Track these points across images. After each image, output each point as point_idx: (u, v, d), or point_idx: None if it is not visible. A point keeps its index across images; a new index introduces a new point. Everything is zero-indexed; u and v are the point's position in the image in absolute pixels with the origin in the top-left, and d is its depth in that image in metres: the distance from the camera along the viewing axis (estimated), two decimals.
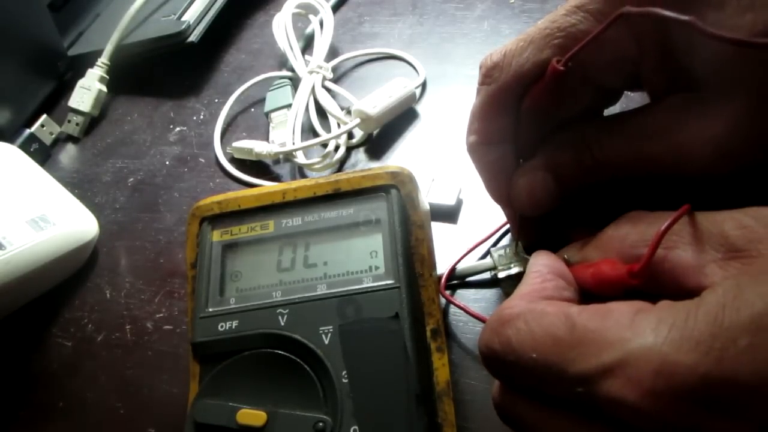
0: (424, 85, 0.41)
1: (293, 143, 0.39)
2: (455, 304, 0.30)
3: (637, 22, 0.21)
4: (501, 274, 0.29)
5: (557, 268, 0.22)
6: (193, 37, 0.46)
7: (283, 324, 0.25)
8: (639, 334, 0.16)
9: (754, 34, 0.19)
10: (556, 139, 0.25)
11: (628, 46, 0.22)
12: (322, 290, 0.25)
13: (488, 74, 0.24)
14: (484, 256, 0.31)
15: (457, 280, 0.31)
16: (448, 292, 0.30)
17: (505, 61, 0.23)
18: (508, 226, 0.31)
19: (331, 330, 0.24)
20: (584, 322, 0.17)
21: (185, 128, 0.46)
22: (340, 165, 0.39)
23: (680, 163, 0.21)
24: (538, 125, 0.25)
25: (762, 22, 0.18)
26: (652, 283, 0.19)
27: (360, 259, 0.26)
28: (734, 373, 0.15)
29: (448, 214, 0.34)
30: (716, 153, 0.20)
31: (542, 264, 0.23)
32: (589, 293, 0.22)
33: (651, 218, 0.20)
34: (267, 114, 0.42)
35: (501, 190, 0.27)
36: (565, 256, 0.23)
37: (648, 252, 0.18)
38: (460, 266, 0.30)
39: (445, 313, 0.30)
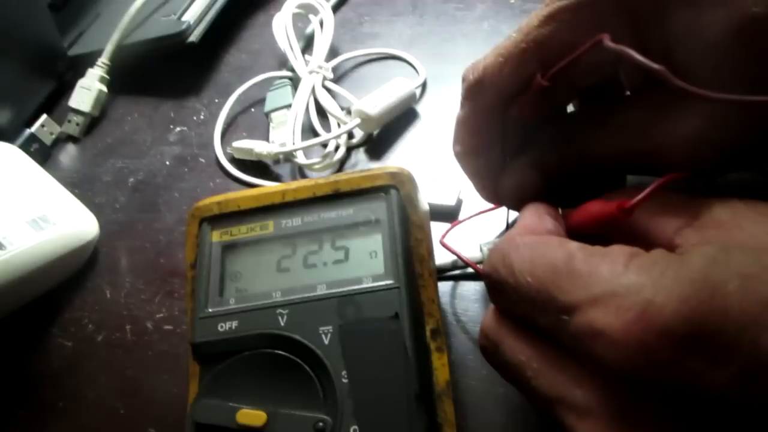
0: (424, 85, 0.41)
1: (293, 143, 0.39)
2: (451, 251, 0.30)
3: (615, 23, 0.21)
4: None
5: (549, 210, 0.23)
6: (193, 37, 0.46)
7: (282, 324, 0.25)
8: (633, 271, 0.16)
9: (729, 29, 0.19)
10: (540, 137, 0.25)
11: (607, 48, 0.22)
12: (321, 290, 0.25)
13: (470, 90, 0.24)
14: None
15: (448, 271, 0.31)
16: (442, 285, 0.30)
17: (485, 79, 0.23)
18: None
19: (330, 330, 0.24)
20: (582, 257, 0.18)
21: (185, 128, 0.46)
22: (341, 165, 0.39)
23: (663, 156, 0.21)
24: (523, 128, 0.26)
25: (737, 16, 0.18)
26: (626, 230, 0.20)
27: (359, 259, 0.26)
28: (723, 313, 0.15)
29: (448, 214, 0.34)
30: (697, 146, 0.21)
31: (535, 205, 0.23)
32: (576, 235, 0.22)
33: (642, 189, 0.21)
34: (267, 114, 0.42)
35: (490, 189, 0.27)
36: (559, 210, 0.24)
37: (648, 190, 0.19)
38: (449, 260, 0.31)
39: (444, 313, 0.30)
